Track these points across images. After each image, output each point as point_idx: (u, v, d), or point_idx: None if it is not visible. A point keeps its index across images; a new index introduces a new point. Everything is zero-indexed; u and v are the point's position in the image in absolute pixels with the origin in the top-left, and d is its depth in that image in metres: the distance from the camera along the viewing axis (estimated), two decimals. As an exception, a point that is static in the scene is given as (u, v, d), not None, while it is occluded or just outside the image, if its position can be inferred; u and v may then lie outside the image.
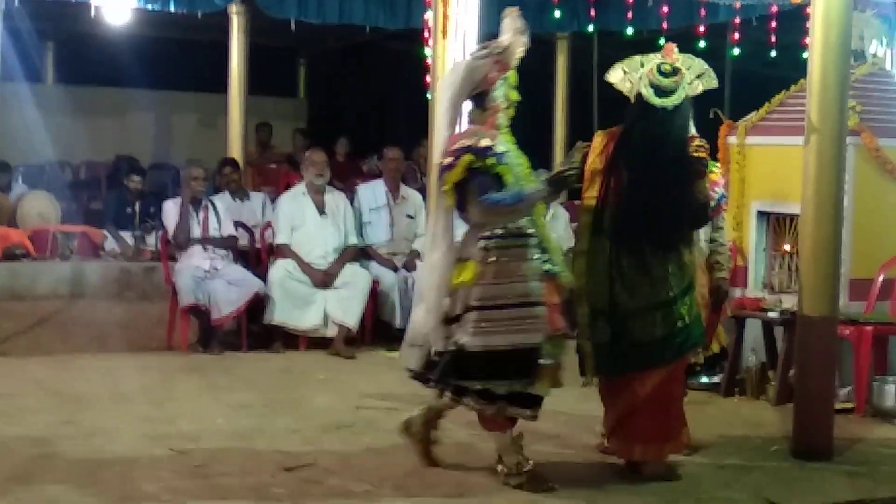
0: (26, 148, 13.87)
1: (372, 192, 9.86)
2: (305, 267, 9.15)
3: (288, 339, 9.16)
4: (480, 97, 5.60)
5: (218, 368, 8.32)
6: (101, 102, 16.04)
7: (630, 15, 11.37)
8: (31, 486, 5.34)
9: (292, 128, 15.68)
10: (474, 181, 5.43)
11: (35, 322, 9.74)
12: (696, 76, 5.88)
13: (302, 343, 9.18)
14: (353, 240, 9.49)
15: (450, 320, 5.49)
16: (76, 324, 9.69)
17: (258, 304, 9.08)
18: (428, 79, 9.14)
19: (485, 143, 5.44)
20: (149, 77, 14.64)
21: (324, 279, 9.14)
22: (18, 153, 13.60)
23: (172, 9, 11.23)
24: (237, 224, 9.63)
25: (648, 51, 6.12)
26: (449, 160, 5.46)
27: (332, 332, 9.10)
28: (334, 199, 9.56)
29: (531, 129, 13.63)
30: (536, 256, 5.50)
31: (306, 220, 9.31)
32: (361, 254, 9.57)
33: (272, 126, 14.91)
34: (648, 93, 5.82)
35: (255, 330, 9.20)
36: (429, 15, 9.18)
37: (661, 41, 11.37)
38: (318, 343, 9.13)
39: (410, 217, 9.80)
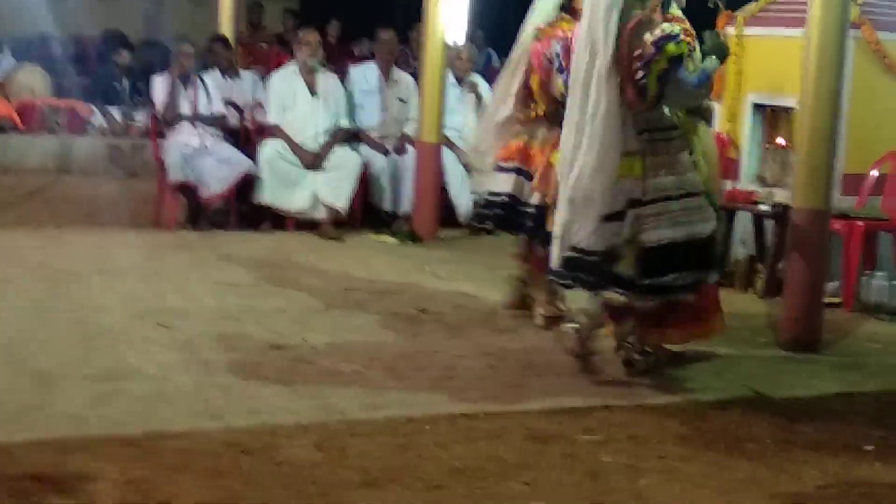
0: (12, 19, 13.65)
1: (363, 75, 9.75)
2: (296, 147, 9.08)
3: (276, 220, 9.13)
4: None
5: (206, 247, 8.29)
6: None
7: None
8: (17, 356, 5.34)
9: (281, 8, 15.46)
10: (675, 68, 5.26)
11: (23, 196, 9.70)
12: None
13: (290, 224, 9.14)
14: (344, 122, 9.40)
15: (610, 217, 5.33)
16: (64, 199, 9.67)
17: (247, 184, 9.03)
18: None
19: (674, 30, 5.29)
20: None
21: (313, 160, 9.07)
22: (7, 24, 13.40)
23: None
24: (227, 102, 9.52)
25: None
26: (651, 51, 5.24)
27: (321, 214, 9.06)
28: (326, 80, 9.45)
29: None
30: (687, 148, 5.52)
31: (297, 101, 9.20)
32: (352, 136, 9.50)
33: (263, 6, 14.69)
34: None
35: (243, 209, 9.15)
36: None
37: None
38: (306, 224, 9.10)
39: (402, 100, 9.70)
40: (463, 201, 9.47)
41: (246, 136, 9.57)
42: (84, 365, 5.26)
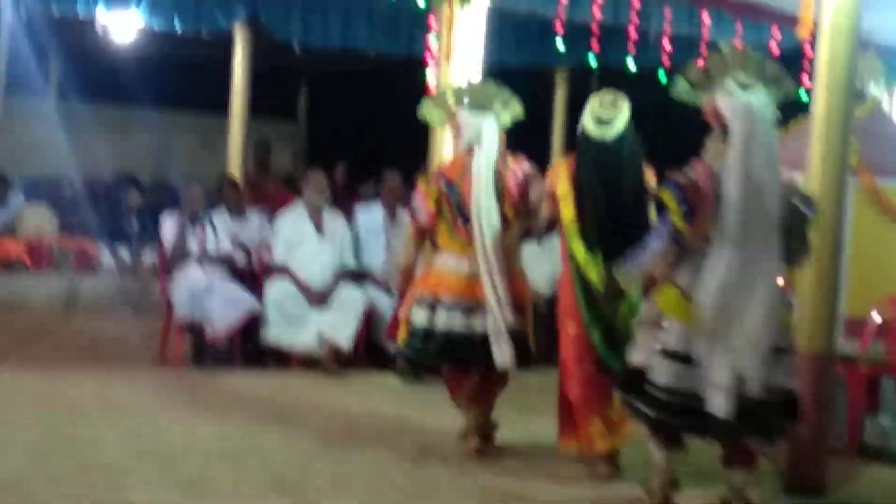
0: (27, 161, 13.90)
1: (369, 215, 9.89)
2: (301, 285, 9.16)
3: (281, 359, 9.16)
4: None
5: (210, 385, 8.31)
6: (103, 119, 16.08)
7: (632, 50, 11.43)
8: (23, 493, 5.33)
9: (291, 151, 15.73)
10: None
11: (30, 334, 9.75)
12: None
13: (295, 363, 9.17)
14: (350, 261, 9.50)
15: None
16: (71, 337, 9.71)
17: (253, 323, 9.08)
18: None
19: None
20: (152, 96, 14.68)
21: (319, 298, 9.15)
22: (19, 166, 13.64)
23: (178, 28, 11.31)
24: (235, 242, 9.64)
25: (650, 87, 6.26)
26: None
27: (324, 350, 9.12)
28: (332, 220, 9.58)
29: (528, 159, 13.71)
30: None
31: (304, 240, 9.32)
32: (357, 276, 9.58)
33: (270, 144, 14.95)
34: (590, 125, 6.29)
35: (248, 348, 9.19)
36: (431, 39, 9.22)
37: (663, 77, 11.60)
38: (311, 363, 9.13)
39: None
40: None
41: (252, 276, 9.66)
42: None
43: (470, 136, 6.69)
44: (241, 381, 8.59)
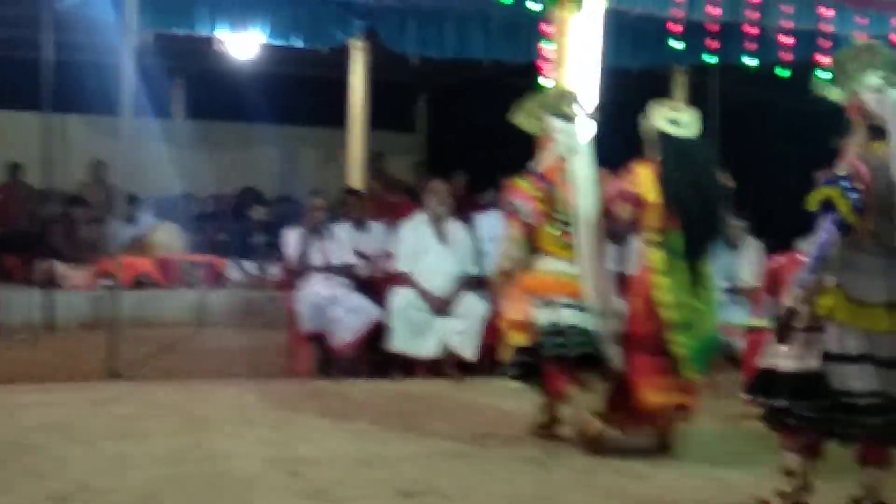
0: (155, 180, 14.22)
1: (490, 223, 9.91)
2: (425, 294, 9.23)
3: (406, 367, 9.24)
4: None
5: (337, 395, 8.42)
6: (227, 137, 16.40)
7: (750, 46, 11.27)
8: (154, 503, 5.46)
9: (410, 162, 15.83)
10: None
11: (162, 348, 9.97)
12: None
13: (420, 370, 9.24)
14: (472, 269, 9.55)
15: None
16: (201, 350, 9.91)
17: (377, 332, 9.18)
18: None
19: None
20: (273, 112, 14.91)
21: (442, 306, 9.21)
22: (148, 185, 13.95)
23: (296, 44, 11.48)
24: (357, 253, 9.75)
25: (770, 83, 6.19)
26: None
27: (448, 359, 9.19)
28: (455, 228, 9.64)
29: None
30: None
31: (427, 248, 9.39)
32: (480, 283, 9.62)
33: (383, 154, 15.09)
34: (668, 127, 6.55)
35: (373, 357, 9.29)
36: (546, 46, 9.22)
37: (782, 73, 11.42)
38: (435, 370, 9.19)
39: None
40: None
41: (375, 286, 9.76)
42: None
43: (564, 143, 6.89)
44: (367, 389, 8.69)
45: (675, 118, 6.60)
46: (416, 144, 18.20)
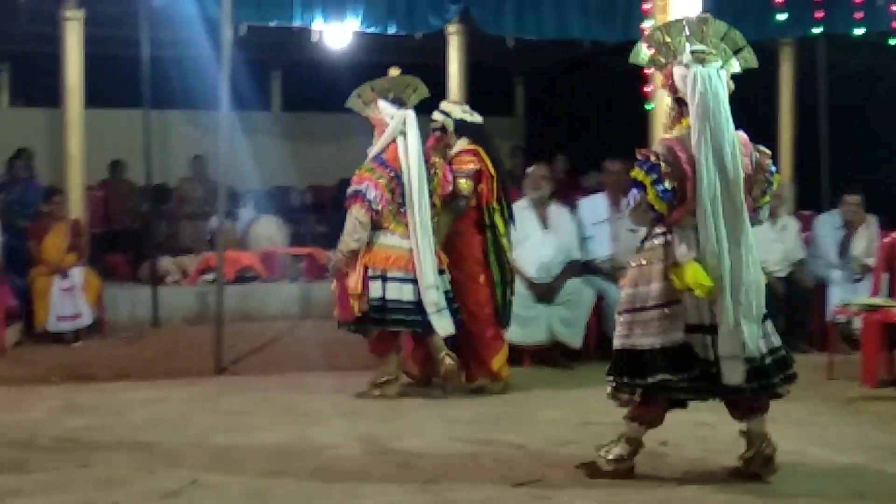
0: (255, 174, 14.29)
1: (594, 206, 9.75)
2: (528, 281, 9.09)
3: (513, 355, 9.10)
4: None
5: (442, 385, 8.31)
6: (324, 128, 16.41)
7: (859, 15, 10.95)
8: (264, 498, 5.41)
9: (510, 146, 15.68)
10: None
11: (266, 341, 9.98)
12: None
13: (526, 359, 9.11)
14: (576, 254, 9.38)
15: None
16: (305, 343, 9.89)
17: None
18: (647, 89, 8.98)
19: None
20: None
21: (546, 293, 9.06)
22: (247, 179, 14.03)
23: (391, 31, 11.40)
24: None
25: (878, 53, 5.99)
26: None
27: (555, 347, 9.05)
28: (557, 213, 9.48)
29: (755, 140, 13.27)
30: None
31: (529, 235, 9.24)
32: (584, 268, 9.45)
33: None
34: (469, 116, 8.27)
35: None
36: (647, 24, 9.02)
37: (892, 41, 11.09)
38: (541, 358, 9.06)
39: (632, 231, 9.60)
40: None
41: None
42: (327, 507, 5.27)
43: (395, 127, 7.84)
44: (474, 378, 8.56)
45: (466, 109, 8.27)
46: (515, 128, 18.08)
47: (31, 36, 13.85)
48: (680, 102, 5.59)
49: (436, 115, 8.23)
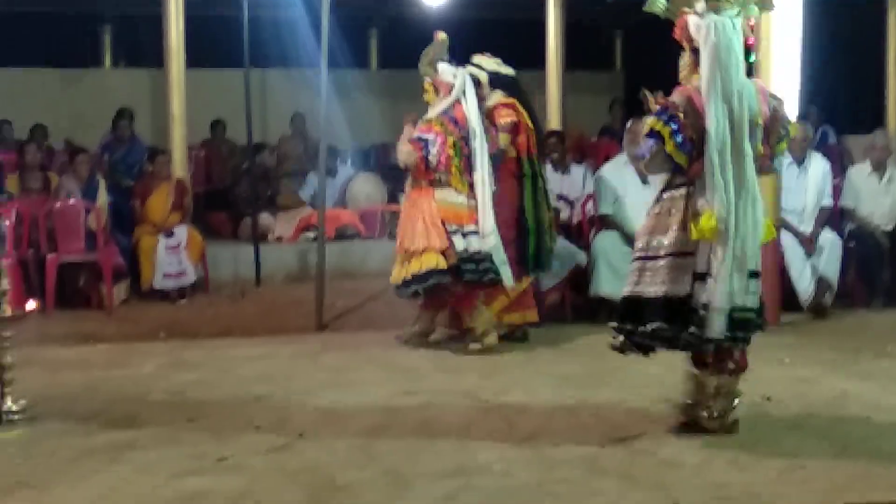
0: (354, 132, 14.36)
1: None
2: (629, 237, 9.04)
3: (613, 311, 9.06)
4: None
5: (543, 341, 8.33)
6: (421, 86, 16.38)
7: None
8: (371, 452, 5.49)
9: (609, 101, 15.56)
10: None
11: (365, 299, 10.07)
12: None
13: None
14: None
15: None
16: (405, 301, 9.93)
17: (581, 277, 9.05)
18: (751, 41, 8.84)
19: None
20: (467, 58, 14.81)
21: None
22: (347, 137, 14.10)
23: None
24: (559, 196, 9.61)
25: None
26: None
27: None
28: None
29: (858, 94, 12.98)
30: None
31: (629, 191, 9.18)
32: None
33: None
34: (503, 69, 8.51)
35: (579, 302, 9.17)
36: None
37: None
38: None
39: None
40: (804, 285, 9.22)
41: (578, 229, 9.62)
42: (434, 461, 5.35)
43: (459, 86, 8.10)
44: (573, 335, 8.57)
45: (499, 62, 8.38)
46: (614, 83, 17.91)
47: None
48: (696, 52, 5.58)
49: (469, 69, 8.31)
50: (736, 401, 5.72)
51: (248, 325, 9.19)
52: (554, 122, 12.15)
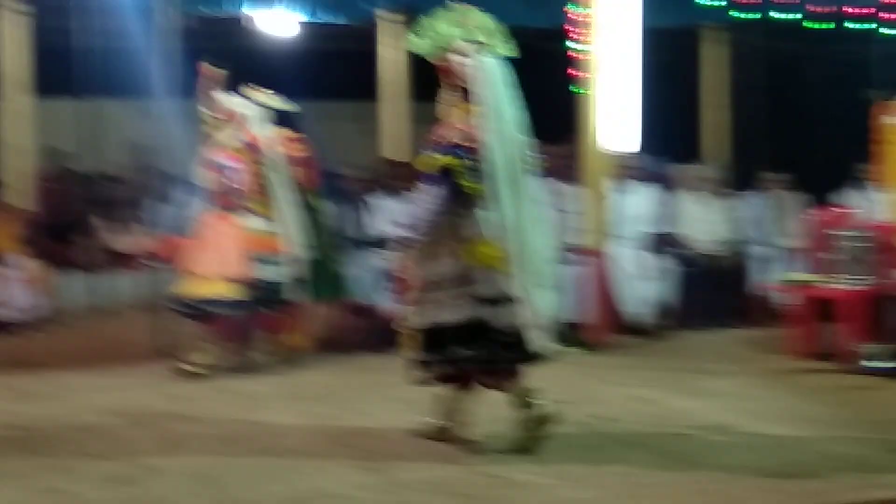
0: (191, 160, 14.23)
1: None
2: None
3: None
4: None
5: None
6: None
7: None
8: (217, 481, 5.51)
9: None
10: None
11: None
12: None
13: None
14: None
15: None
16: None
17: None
18: (574, 73, 9.15)
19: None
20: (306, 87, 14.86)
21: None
22: (185, 166, 13.97)
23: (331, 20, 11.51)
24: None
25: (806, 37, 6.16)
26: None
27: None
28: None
29: (678, 123, 13.40)
30: None
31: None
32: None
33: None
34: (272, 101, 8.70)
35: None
36: (573, 9, 9.17)
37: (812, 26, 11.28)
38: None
39: (565, 212, 9.78)
40: (635, 308, 9.58)
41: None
42: (277, 487, 5.40)
43: (251, 117, 8.47)
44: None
45: (271, 96, 8.54)
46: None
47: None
48: (459, 90, 5.86)
49: (254, 98, 8.58)
50: (533, 412, 5.92)
51: (88, 354, 9.07)
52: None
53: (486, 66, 5.79)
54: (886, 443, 6.06)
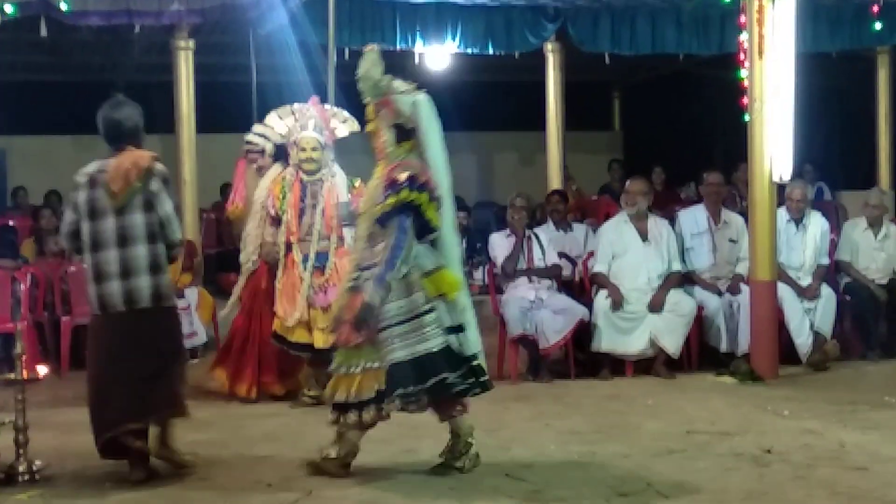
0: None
1: (693, 218, 9.83)
2: (616, 293, 9.23)
3: (615, 366, 9.24)
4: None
5: (547, 396, 8.49)
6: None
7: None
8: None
9: (608, 160, 15.79)
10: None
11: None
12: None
13: (629, 369, 9.23)
14: (677, 266, 9.48)
15: None
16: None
17: (584, 332, 9.20)
18: (745, 101, 9.07)
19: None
20: (470, 119, 15.08)
21: (655, 303, 9.18)
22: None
23: (491, 51, 11.63)
24: (560, 254, 9.79)
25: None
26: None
27: (655, 352, 9.18)
28: (657, 225, 9.57)
29: (851, 150, 13.21)
30: None
31: (628, 248, 9.37)
32: (685, 279, 9.55)
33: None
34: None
35: (581, 357, 9.32)
36: (743, 37, 9.10)
37: None
38: (644, 369, 9.18)
39: (733, 241, 9.70)
40: (803, 338, 9.37)
41: (580, 286, 9.79)
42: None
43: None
44: (577, 390, 8.73)
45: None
46: (612, 142, 18.18)
47: (145, 66, 14.35)
48: (398, 129, 6.04)
49: (253, 138, 8.65)
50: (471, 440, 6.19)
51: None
52: (555, 183, 12.38)
53: (422, 102, 6.03)
54: None
